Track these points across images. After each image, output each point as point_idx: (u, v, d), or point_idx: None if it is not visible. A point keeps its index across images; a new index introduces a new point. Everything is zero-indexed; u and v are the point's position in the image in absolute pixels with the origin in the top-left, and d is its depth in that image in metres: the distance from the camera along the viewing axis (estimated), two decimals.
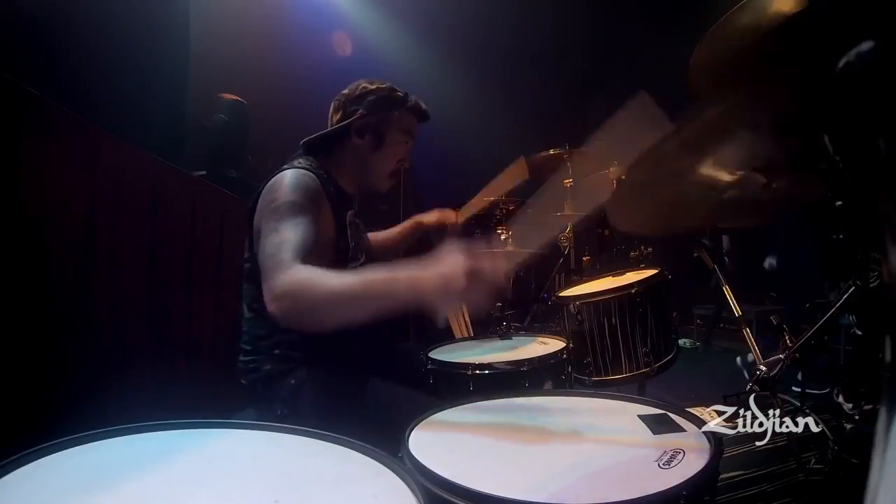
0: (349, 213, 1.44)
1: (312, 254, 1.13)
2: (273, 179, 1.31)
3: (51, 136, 1.47)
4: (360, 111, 1.45)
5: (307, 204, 1.25)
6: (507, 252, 0.86)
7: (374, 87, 1.48)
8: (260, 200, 1.31)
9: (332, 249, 1.34)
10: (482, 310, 0.95)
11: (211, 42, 3.18)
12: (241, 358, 1.39)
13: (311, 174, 1.33)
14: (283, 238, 1.15)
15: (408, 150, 1.54)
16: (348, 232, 1.41)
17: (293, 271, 1.05)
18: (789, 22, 0.57)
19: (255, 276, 1.32)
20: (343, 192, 1.46)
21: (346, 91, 1.50)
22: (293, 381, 1.32)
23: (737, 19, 0.65)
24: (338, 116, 1.48)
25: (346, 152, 1.47)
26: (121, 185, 1.71)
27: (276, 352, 1.34)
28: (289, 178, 1.30)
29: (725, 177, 0.72)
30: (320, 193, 1.32)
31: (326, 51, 4.25)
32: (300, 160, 1.39)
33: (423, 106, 1.54)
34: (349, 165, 1.48)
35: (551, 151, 3.19)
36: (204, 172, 2.61)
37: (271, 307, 1.04)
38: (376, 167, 1.49)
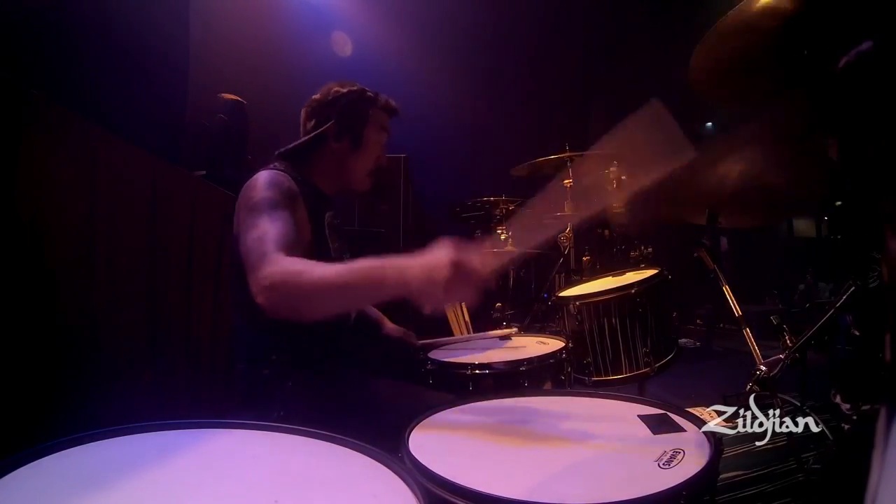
0: (328, 214, 1.44)
1: (293, 246, 1.13)
2: (248, 181, 1.32)
3: (51, 136, 1.47)
4: (335, 115, 1.45)
5: (282, 199, 1.26)
6: (496, 250, 0.88)
7: (345, 89, 1.48)
8: (237, 203, 1.31)
9: (307, 249, 1.34)
10: (468, 304, 0.98)
11: (211, 42, 3.17)
12: (238, 364, 1.38)
13: (285, 174, 1.33)
14: (263, 231, 1.14)
15: (384, 146, 1.54)
16: (326, 232, 1.41)
17: (279, 262, 1.05)
18: (788, 22, 0.57)
19: (242, 277, 1.33)
20: (321, 193, 1.46)
21: (317, 96, 1.50)
22: (290, 385, 1.31)
23: (736, 19, 0.65)
24: (312, 123, 1.48)
25: (323, 156, 1.47)
26: (120, 185, 1.71)
27: (273, 357, 1.34)
28: (263, 177, 1.31)
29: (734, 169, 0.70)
30: (295, 192, 1.32)
31: (326, 51, 4.25)
32: (275, 163, 1.40)
33: (394, 103, 1.55)
34: (327, 169, 1.47)
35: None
36: (204, 172, 2.60)
37: (259, 298, 1.03)
38: (356, 168, 1.49)
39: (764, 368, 1.17)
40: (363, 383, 1.44)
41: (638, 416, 0.98)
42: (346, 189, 1.53)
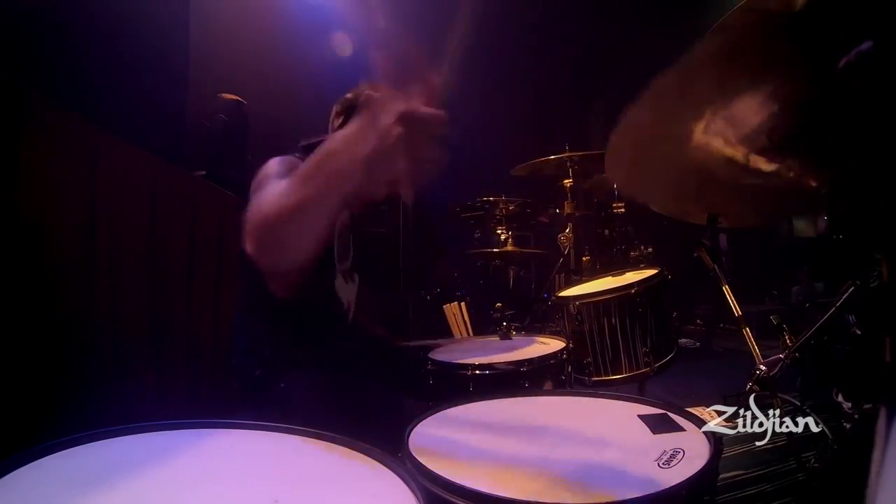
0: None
1: None
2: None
3: (51, 136, 1.47)
4: None
5: (287, 172, 1.22)
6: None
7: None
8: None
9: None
10: (432, 162, 0.81)
11: (211, 42, 3.17)
12: (235, 361, 1.39)
13: (299, 159, 1.33)
14: (260, 196, 1.07)
15: None
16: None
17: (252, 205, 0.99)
18: (790, 22, 0.57)
19: (248, 270, 1.33)
20: None
21: (350, 95, 1.51)
22: (283, 385, 1.32)
23: (737, 19, 0.65)
24: (339, 121, 1.50)
25: None
26: (121, 185, 1.71)
27: (269, 354, 1.34)
28: (275, 159, 1.31)
29: (731, 149, 0.69)
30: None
31: (326, 51, 4.25)
32: (295, 153, 1.40)
33: None
34: None
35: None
36: (204, 172, 2.60)
37: (250, 250, 0.94)
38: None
39: (764, 368, 1.17)
40: (360, 385, 1.44)
41: (638, 416, 0.98)
42: None
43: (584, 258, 3.43)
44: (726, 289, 1.66)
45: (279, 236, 0.94)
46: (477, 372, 1.47)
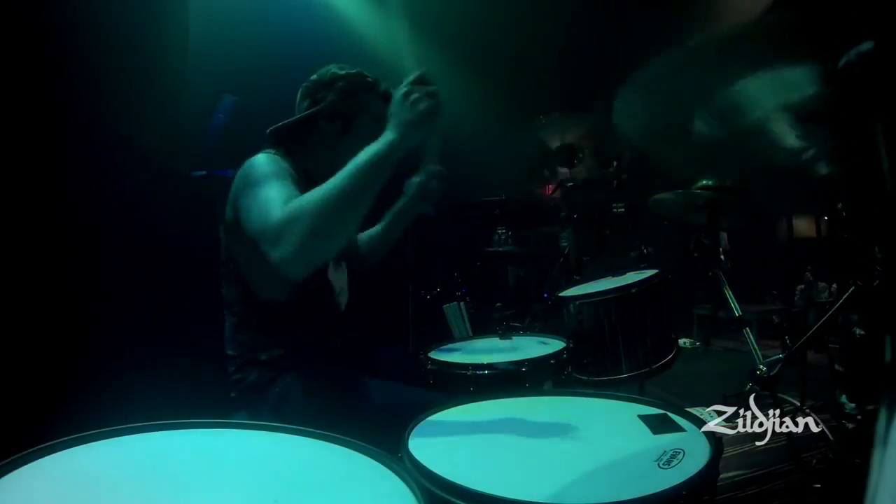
0: None
1: None
2: (245, 164, 1.30)
3: (50, 135, 1.47)
4: (328, 97, 1.44)
5: (283, 173, 1.23)
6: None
7: (343, 72, 1.47)
8: (233, 187, 1.29)
9: None
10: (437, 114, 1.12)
11: (211, 42, 3.17)
12: (229, 368, 1.36)
13: (279, 157, 1.32)
14: (267, 197, 1.12)
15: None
16: None
17: (280, 212, 1.05)
18: (793, 22, 0.57)
19: (233, 274, 1.32)
20: (313, 181, 1.44)
21: (314, 77, 1.49)
22: (278, 390, 1.30)
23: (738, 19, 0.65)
24: (306, 103, 1.47)
25: (315, 139, 1.45)
26: (121, 185, 1.71)
27: (263, 358, 1.32)
28: (262, 157, 1.29)
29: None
30: (292, 174, 1.29)
31: (327, 51, 4.25)
32: (268, 150, 1.38)
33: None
34: (319, 153, 1.45)
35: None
36: (204, 172, 2.60)
37: (275, 256, 1.00)
38: (346, 154, 1.44)
39: (764, 368, 1.18)
40: (360, 384, 1.43)
41: (638, 416, 0.98)
42: None
43: (584, 258, 3.43)
44: (726, 289, 1.66)
45: (325, 233, 1.02)
46: (477, 372, 1.47)
